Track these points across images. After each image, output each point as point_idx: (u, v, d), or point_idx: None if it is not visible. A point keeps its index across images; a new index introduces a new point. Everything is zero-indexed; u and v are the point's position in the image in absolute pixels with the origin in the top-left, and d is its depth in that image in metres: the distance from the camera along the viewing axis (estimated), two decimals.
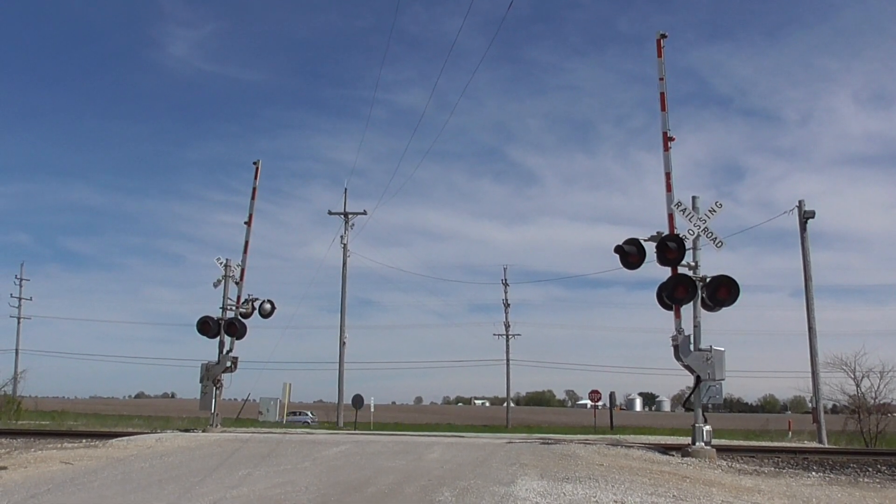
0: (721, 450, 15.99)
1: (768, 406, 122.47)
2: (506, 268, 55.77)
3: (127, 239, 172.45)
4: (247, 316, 22.67)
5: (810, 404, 29.90)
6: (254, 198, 23.27)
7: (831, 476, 13.56)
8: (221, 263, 22.52)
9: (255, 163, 23.56)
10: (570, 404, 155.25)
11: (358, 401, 40.48)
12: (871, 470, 14.26)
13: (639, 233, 16.52)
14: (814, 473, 13.81)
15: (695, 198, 16.50)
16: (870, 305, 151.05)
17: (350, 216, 43.32)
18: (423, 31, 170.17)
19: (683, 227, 16.22)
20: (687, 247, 16.09)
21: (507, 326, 55.49)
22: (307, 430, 25.63)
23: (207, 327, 21.80)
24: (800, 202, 28.74)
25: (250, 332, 22.67)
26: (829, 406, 31.65)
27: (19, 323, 57.18)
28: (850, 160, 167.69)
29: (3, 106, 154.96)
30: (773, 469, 14.23)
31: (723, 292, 15.85)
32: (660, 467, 13.04)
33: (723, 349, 15.86)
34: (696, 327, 16.00)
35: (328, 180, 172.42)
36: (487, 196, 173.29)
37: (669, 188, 16.62)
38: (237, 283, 22.61)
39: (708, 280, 16.00)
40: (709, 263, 16.31)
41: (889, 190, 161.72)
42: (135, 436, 18.43)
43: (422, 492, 9.37)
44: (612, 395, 55.91)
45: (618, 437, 23.33)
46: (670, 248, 15.94)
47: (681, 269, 16.10)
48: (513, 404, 58.75)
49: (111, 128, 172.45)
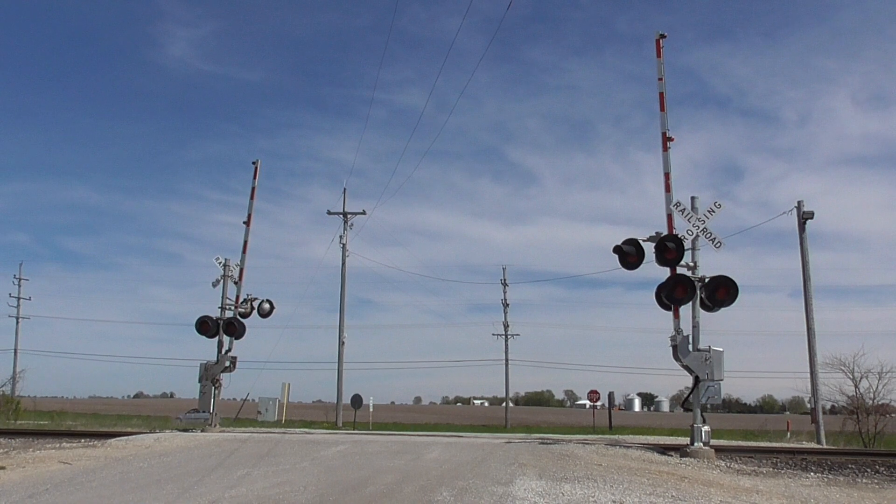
0: (720, 450, 16.01)
1: (767, 406, 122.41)
2: (505, 268, 55.60)
3: (125, 238, 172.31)
4: (246, 316, 22.70)
5: (809, 405, 29.87)
6: (253, 197, 23.31)
7: (830, 477, 13.57)
8: (220, 263, 22.57)
9: (254, 162, 23.66)
10: (568, 404, 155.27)
11: (357, 401, 40.40)
12: (869, 471, 14.27)
13: (638, 233, 16.58)
14: (812, 474, 13.82)
15: (694, 198, 16.53)
16: (868, 306, 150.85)
17: (349, 216, 43.22)
18: (422, 31, 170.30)
19: (682, 228, 16.24)
20: (686, 247, 16.11)
21: (506, 326, 55.41)
22: (305, 429, 25.61)
23: (206, 327, 21.83)
24: (799, 203, 28.80)
25: (249, 332, 22.74)
26: (828, 407, 31.73)
27: (18, 323, 57.14)
28: (848, 161, 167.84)
29: (2, 105, 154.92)
30: (771, 469, 14.23)
31: (722, 293, 15.88)
32: (658, 467, 13.05)
33: (721, 349, 15.90)
34: (695, 327, 16.02)
35: (327, 180, 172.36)
36: (486, 196, 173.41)
37: (668, 188, 16.63)
38: (236, 283, 22.65)
39: (707, 280, 16.02)
40: (708, 264, 16.37)
41: (888, 190, 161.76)
42: (133, 436, 18.43)
43: (420, 491, 9.37)
44: (610, 396, 55.83)
45: (616, 437, 23.35)
46: (669, 249, 15.96)
47: (680, 270, 16.12)
48: (512, 404, 58.68)
49: (110, 127, 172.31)
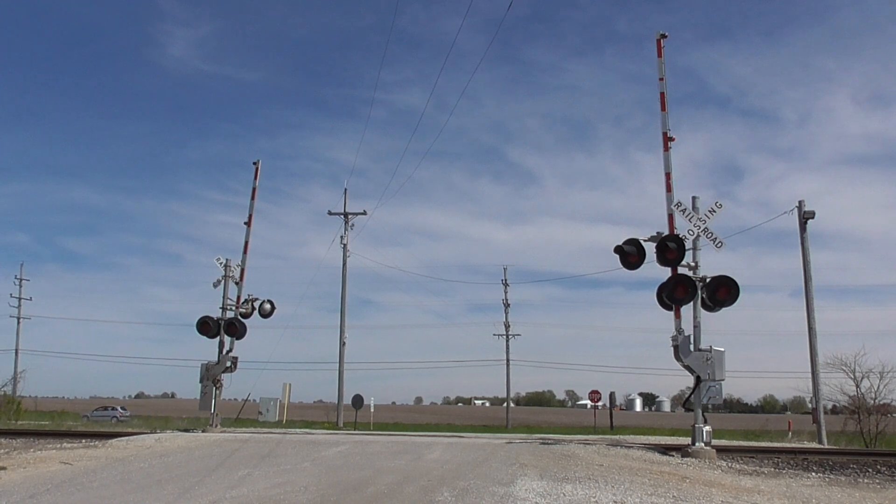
0: (721, 450, 16.00)
1: (768, 406, 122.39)
2: (506, 268, 55.71)
3: (126, 239, 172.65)
4: (247, 316, 22.69)
5: (810, 405, 29.87)
6: (253, 198, 23.29)
7: (831, 476, 13.55)
8: (221, 263, 22.55)
9: (254, 163, 23.63)
10: (569, 404, 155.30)
11: (358, 401, 40.43)
12: (870, 470, 14.26)
13: (638, 233, 16.55)
14: (813, 474, 13.80)
15: (695, 198, 16.51)
16: (869, 305, 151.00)
17: (350, 216, 43.27)
18: (422, 31, 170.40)
19: (683, 228, 16.21)
20: (687, 247, 16.09)
21: (507, 326, 55.45)
22: (306, 430, 25.60)
23: (207, 327, 21.82)
24: (800, 202, 28.77)
25: (250, 332, 22.72)
26: (829, 406, 31.73)
27: (19, 323, 57.29)
28: (848, 160, 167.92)
29: (2, 106, 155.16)
30: (772, 469, 14.21)
31: (723, 292, 15.85)
32: (660, 468, 13.03)
33: (723, 349, 15.88)
34: (696, 327, 16.00)
35: (328, 180, 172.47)
36: (487, 196, 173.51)
37: (669, 188, 16.61)
38: (237, 283, 22.63)
39: (708, 280, 16.00)
40: (708, 264, 16.34)
41: (888, 190, 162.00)
42: (134, 436, 18.43)
43: (421, 492, 9.36)
44: (611, 396, 55.90)
45: (617, 437, 23.34)
46: (670, 249, 15.94)
47: (681, 270, 16.10)
48: (513, 404, 58.70)
49: (110, 127, 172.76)
